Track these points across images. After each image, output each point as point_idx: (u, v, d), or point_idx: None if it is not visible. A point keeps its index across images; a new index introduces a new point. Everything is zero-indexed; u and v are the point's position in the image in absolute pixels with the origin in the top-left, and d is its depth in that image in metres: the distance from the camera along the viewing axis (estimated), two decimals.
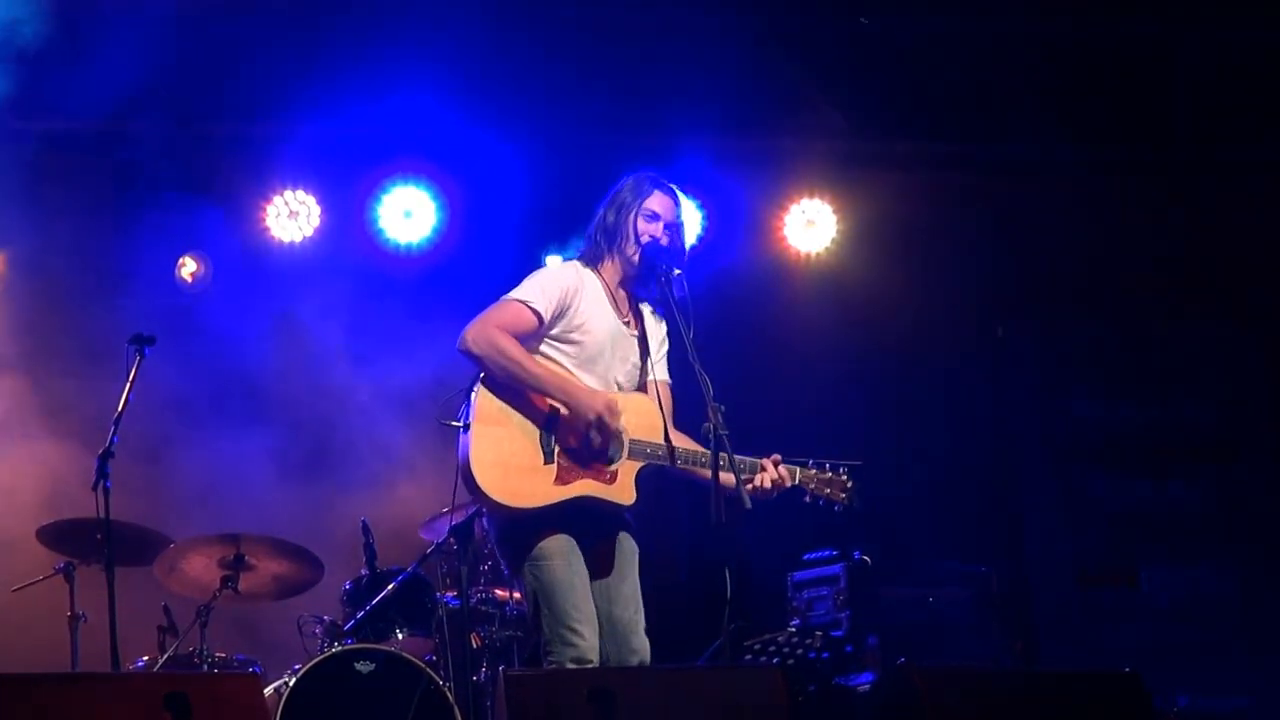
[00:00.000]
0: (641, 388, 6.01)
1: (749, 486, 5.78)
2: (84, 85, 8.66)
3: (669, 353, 6.11)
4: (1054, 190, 9.65)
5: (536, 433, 5.78)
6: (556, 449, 5.78)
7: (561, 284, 5.88)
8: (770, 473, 5.86)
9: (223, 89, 8.82)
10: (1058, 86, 9.32)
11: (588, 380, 5.88)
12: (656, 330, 6.09)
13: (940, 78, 9.21)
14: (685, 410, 6.03)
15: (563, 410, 5.77)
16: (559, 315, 5.86)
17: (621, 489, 5.82)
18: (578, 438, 5.77)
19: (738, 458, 5.74)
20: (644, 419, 5.89)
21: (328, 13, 8.73)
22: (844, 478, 6.00)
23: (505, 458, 5.74)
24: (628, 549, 5.93)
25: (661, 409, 5.92)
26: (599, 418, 5.73)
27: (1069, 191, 9.63)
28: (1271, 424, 9.43)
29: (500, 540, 5.96)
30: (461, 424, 5.80)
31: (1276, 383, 9.43)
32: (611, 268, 6.02)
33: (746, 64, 9.09)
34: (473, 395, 5.80)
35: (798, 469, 5.96)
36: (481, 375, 5.80)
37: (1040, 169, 9.68)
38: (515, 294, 5.86)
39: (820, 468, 5.99)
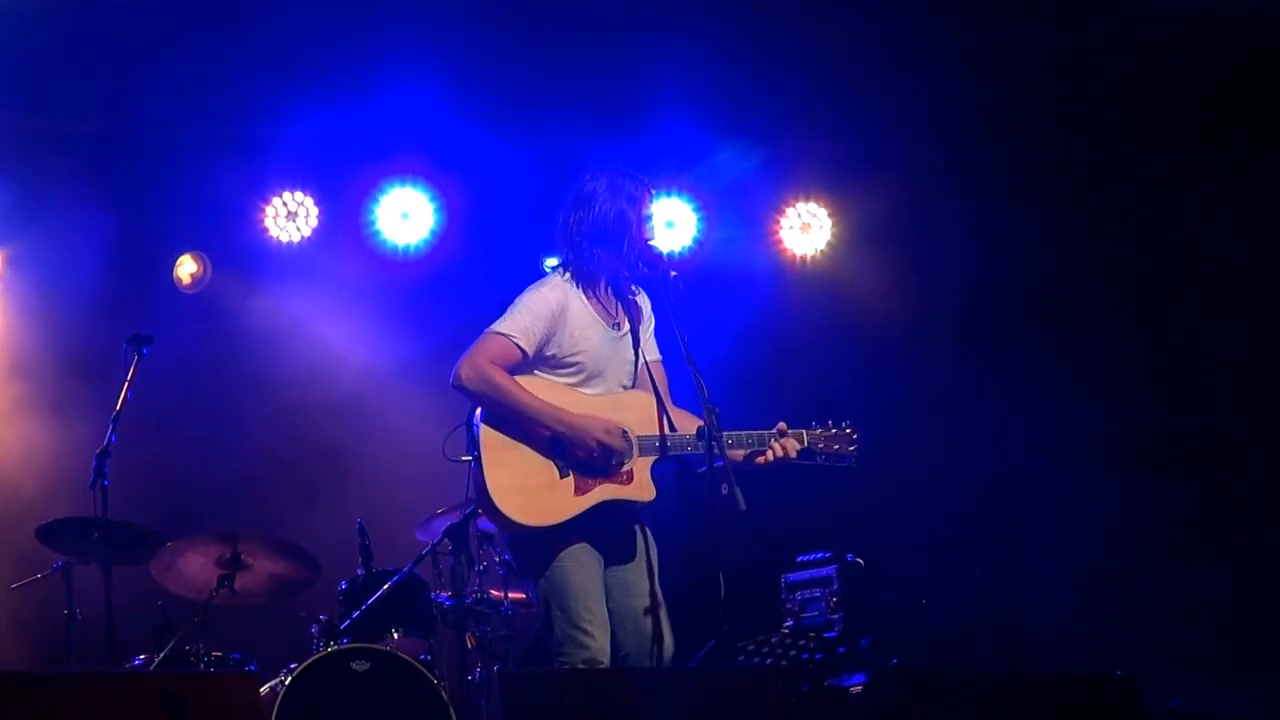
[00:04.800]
0: (638, 375, 6.02)
1: (761, 460, 5.90)
2: (84, 85, 8.69)
3: (659, 340, 6.12)
4: (1051, 192, 9.67)
5: (546, 453, 5.82)
6: (568, 464, 5.83)
7: (545, 310, 5.87)
8: (779, 445, 5.93)
9: (222, 90, 8.84)
10: (1054, 89, 9.34)
11: (594, 393, 5.92)
12: (643, 309, 6.10)
13: (936, 81, 9.23)
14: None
15: (563, 438, 5.81)
16: (546, 342, 5.88)
17: (640, 486, 5.87)
18: (583, 455, 5.81)
19: (745, 433, 5.85)
20: (644, 413, 5.92)
21: (326, 15, 8.74)
22: (849, 431, 6.08)
23: (522, 480, 5.79)
24: (643, 545, 5.97)
25: (658, 393, 5.94)
26: (599, 444, 5.79)
27: (1065, 193, 9.65)
28: (1268, 427, 9.44)
29: (515, 549, 6.00)
30: (471, 458, 5.84)
31: (1273, 385, 9.44)
32: (603, 270, 6.01)
33: (743, 68, 9.11)
34: (476, 427, 5.84)
35: (804, 432, 6.02)
36: (481, 410, 5.85)
37: (1037, 171, 9.69)
38: (499, 327, 5.87)
39: (825, 426, 6.06)
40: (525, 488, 5.78)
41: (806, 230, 9.86)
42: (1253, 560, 9.21)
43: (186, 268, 9.25)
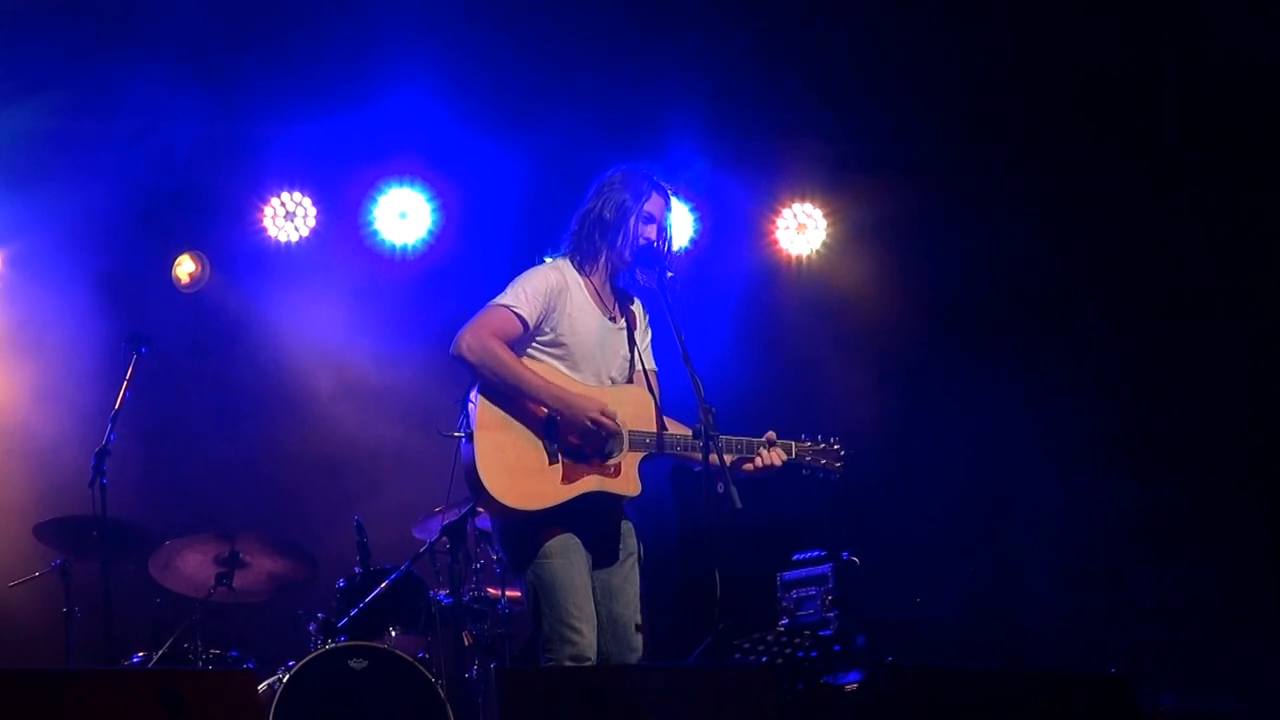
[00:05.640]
0: (631, 378, 6.07)
1: (748, 467, 5.94)
2: (83, 85, 8.70)
3: (655, 341, 6.18)
4: (1044, 193, 9.69)
5: (539, 435, 5.84)
6: (559, 449, 5.85)
7: (545, 287, 5.94)
8: (767, 453, 5.98)
9: (221, 90, 8.86)
10: (1048, 90, 9.35)
11: (582, 380, 5.95)
12: (641, 319, 6.17)
13: (931, 82, 9.25)
14: (677, 412, 6.09)
15: (558, 416, 5.84)
16: (544, 318, 5.93)
17: (626, 480, 5.89)
18: (577, 439, 5.83)
19: (734, 438, 5.89)
20: (639, 409, 5.95)
21: (325, 16, 8.76)
22: (836, 447, 6.16)
23: (511, 462, 5.81)
24: (629, 547, 6.00)
25: (653, 397, 5.98)
26: (595, 421, 5.80)
27: (1058, 194, 9.67)
28: (1256, 425, 9.47)
29: (504, 540, 6.02)
30: (463, 433, 5.87)
31: (1261, 384, 9.47)
32: (602, 264, 6.08)
33: (738, 69, 9.13)
34: (471, 404, 5.86)
35: (792, 444, 6.09)
36: (479, 383, 5.87)
37: (1031, 172, 9.71)
38: (501, 299, 5.93)
39: (813, 439, 6.14)
40: (513, 469, 5.80)
41: (802, 231, 9.90)
42: (1243, 558, 9.23)
43: (185, 267, 9.28)
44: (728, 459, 5.79)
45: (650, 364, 6.14)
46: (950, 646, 8.07)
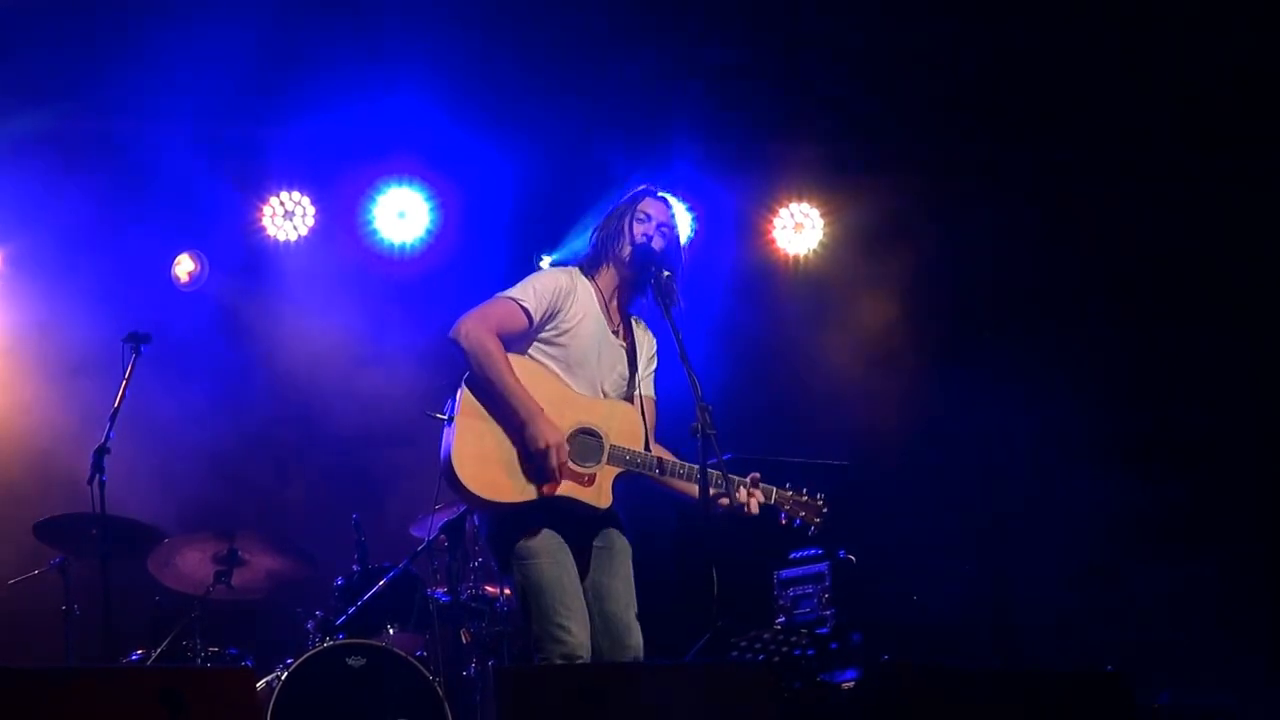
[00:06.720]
0: (628, 399, 6.09)
1: (724, 502, 5.87)
2: (83, 85, 8.72)
3: (658, 352, 6.20)
4: (1040, 193, 9.70)
5: (517, 435, 5.85)
6: (527, 454, 5.85)
7: (553, 286, 5.98)
8: (744, 493, 5.95)
9: (220, 90, 8.86)
10: (1043, 91, 9.37)
11: (574, 386, 5.96)
12: (646, 345, 6.19)
13: (929, 82, 9.26)
14: (675, 410, 6.11)
15: (523, 429, 5.83)
16: (549, 317, 5.95)
17: (598, 492, 5.90)
18: (535, 455, 5.82)
19: (717, 474, 5.83)
20: (627, 426, 5.98)
21: (325, 16, 8.77)
22: (819, 503, 6.11)
23: (486, 452, 5.82)
24: (618, 546, 6.01)
25: (644, 420, 6.00)
26: (544, 453, 5.77)
27: (1055, 195, 9.68)
28: (1254, 424, 9.48)
29: (490, 538, 6.02)
30: (446, 417, 5.88)
31: (1259, 383, 9.48)
32: (607, 274, 6.13)
33: (736, 70, 9.14)
34: (458, 390, 5.88)
35: (774, 489, 6.05)
36: (468, 372, 5.89)
37: (1029, 171, 9.72)
38: (510, 292, 5.97)
39: (797, 490, 6.09)
40: (487, 458, 5.80)
41: (799, 230, 9.92)
42: (1243, 558, 9.24)
43: (184, 266, 9.29)
44: (711, 490, 5.79)
45: (649, 392, 6.16)
46: (947, 644, 8.08)
